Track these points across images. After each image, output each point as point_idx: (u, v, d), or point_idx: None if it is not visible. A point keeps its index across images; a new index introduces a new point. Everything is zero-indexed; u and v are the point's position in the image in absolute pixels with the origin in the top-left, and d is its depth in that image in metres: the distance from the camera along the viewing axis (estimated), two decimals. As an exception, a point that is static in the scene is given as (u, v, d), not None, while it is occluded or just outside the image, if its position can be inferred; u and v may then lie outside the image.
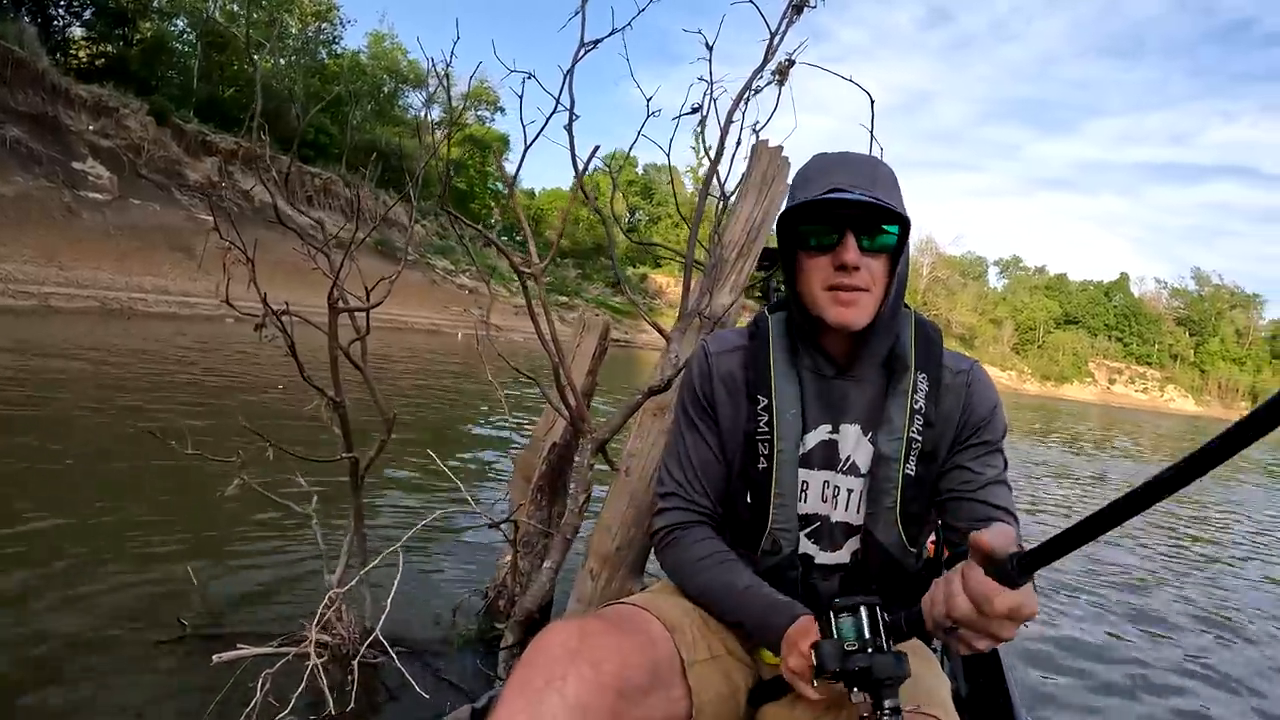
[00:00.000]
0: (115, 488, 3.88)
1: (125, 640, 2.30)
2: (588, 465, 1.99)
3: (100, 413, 5.84)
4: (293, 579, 2.94)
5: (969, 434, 1.34)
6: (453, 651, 2.36)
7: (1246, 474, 14.65)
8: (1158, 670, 3.47)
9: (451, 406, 9.13)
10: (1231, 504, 9.76)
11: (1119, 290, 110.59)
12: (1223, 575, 5.68)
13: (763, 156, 2.24)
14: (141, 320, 15.79)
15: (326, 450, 2.40)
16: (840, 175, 1.24)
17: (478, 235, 2.13)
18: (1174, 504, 8.53)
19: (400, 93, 47.96)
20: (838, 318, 1.25)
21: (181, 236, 21.31)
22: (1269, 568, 6.15)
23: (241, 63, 32.56)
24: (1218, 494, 10.36)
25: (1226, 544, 6.97)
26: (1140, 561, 5.67)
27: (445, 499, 4.47)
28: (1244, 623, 4.43)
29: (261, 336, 2.38)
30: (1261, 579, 5.73)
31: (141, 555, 3.00)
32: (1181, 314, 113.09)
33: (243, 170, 27.79)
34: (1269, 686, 3.46)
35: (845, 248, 1.23)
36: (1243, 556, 6.50)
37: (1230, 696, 3.32)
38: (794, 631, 1.13)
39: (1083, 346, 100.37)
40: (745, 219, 2.21)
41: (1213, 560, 6.05)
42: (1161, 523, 7.40)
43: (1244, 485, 12.62)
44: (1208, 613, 4.54)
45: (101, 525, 3.31)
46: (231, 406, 6.63)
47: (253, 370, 9.75)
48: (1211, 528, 7.70)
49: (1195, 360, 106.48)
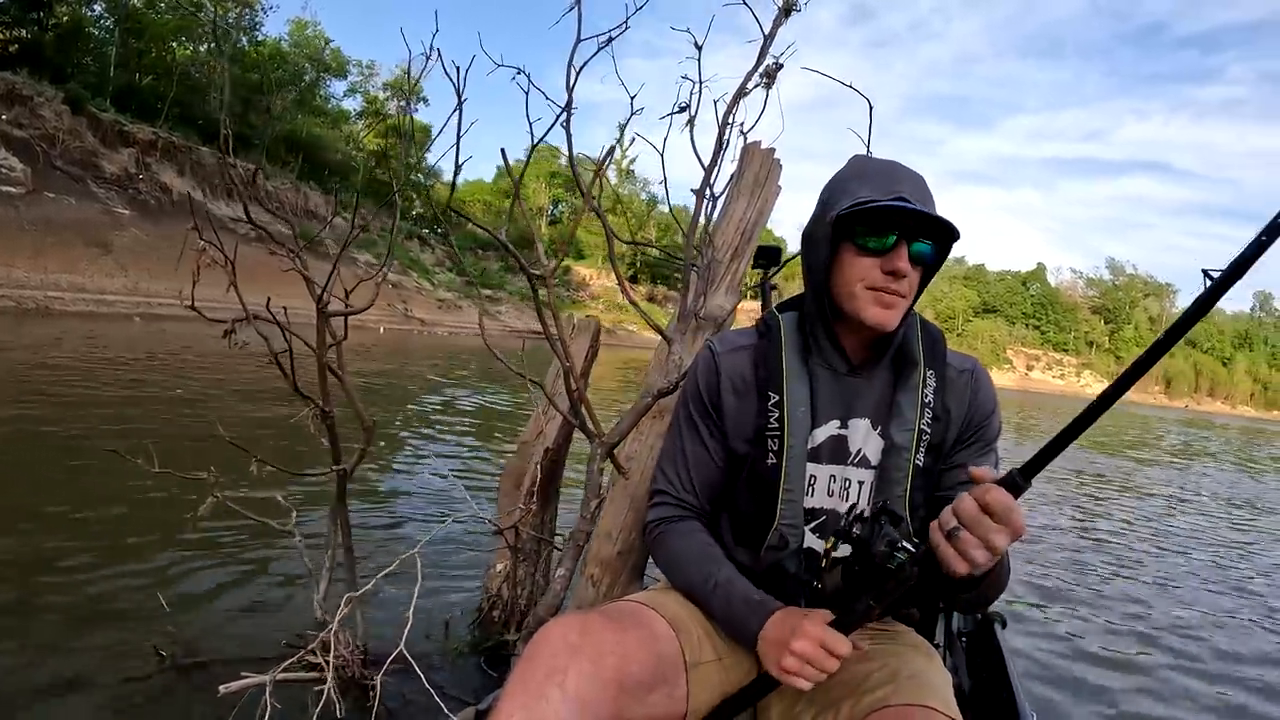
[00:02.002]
0: (51, 515, 3.60)
1: (98, 681, 2.15)
2: (598, 470, 1.96)
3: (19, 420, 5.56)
4: (265, 599, 2.84)
5: (971, 432, 1.38)
6: (448, 664, 2.31)
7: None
8: (1162, 669, 3.55)
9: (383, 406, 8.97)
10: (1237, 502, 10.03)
11: (1036, 280, 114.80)
12: (1228, 570, 5.87)
13: (755, 158, 2.24)
14: (58, 319, 15.14)
15: (291, 460, 2.30)
16: (905, 186, 1.26)
17: (400, 228, 2.07)
18: (1177, 507, 8.91)
19: (322, 82, 46.90)
20: (876, 318, 1.27)
21: (98, 231, 20.53)
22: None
23: (160, 50, 31.36)
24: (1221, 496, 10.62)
25: (1236, 544, 7.10)
26: (1143, 559, 5.82)
27: (408, 509, 4.39)
28: (1251, 617, 4.57)
29: (232, 342, 2.29)
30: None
31: (104, 581, 2.84)
32: (1097, 303, 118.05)
33: (161, 162, 26.84)
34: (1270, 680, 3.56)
35: (900, 255, 1.25)
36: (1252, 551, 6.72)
37: (1231, 689, 3.42)
38: (773, 631, 1.19)
39: (1001, 334, 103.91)
40: (739, 220, 2.21)
41: (1218, 564, 6.12)
42: (1164, 523, 7.66)
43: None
44: (1211, 609, 4.67)
45: (43, 552, 3.10)
46: (185, 416, 6.39)
47: (166, 374, 9.43)
48: (1220, 529, 7.87)
49: (1110, 347, 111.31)
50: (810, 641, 1.11)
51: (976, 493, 0.96)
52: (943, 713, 1.09)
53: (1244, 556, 6.45)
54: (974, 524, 0.95)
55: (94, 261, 19.68)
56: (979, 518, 0.95)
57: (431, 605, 2.74)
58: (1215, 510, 9.01)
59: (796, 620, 1.15)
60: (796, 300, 1.48)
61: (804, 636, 1.11)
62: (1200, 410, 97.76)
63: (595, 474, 1.97)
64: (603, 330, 2.50)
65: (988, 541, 0.95)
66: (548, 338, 1.90)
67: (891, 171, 1.29)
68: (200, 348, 12.83)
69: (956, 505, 0.97)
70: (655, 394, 1.93)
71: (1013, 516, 0.94)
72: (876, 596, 1.08)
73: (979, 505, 0.95)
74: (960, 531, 0.96)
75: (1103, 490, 9.49)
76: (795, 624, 1.14)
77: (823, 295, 1.34)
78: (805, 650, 1.10)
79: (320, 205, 35.00)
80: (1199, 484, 11.73)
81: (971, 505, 0.95)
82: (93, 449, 4.81)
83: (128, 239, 22.70)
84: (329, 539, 2.27)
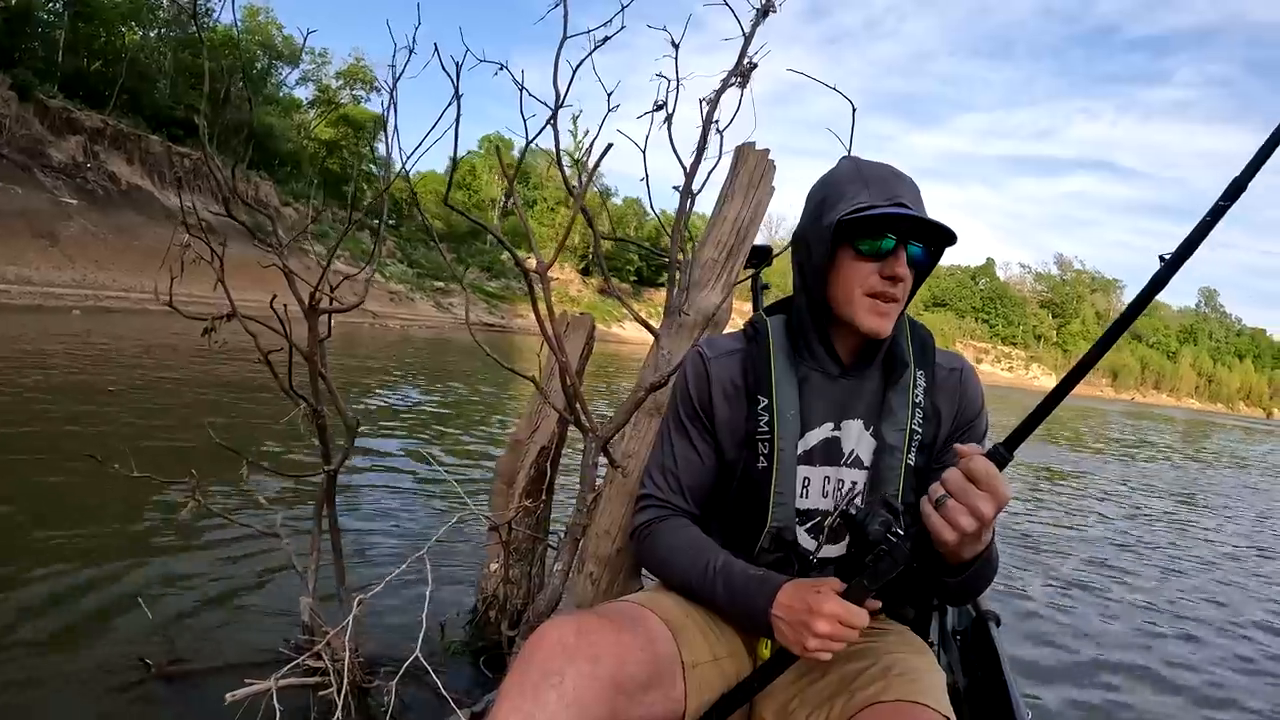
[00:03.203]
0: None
1: (85, 697, 2.06)
2: (593, 465, 1.97)
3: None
4: (249, 603, 2.78)
5: (960, 430, 1.40)
6: (445, 665, 2.29)
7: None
8: (1156, 665, 3.62)
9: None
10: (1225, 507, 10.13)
11: (985, 275, 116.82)
12: (1220, 568, 5.99)
13: (749, 159, 2.24)
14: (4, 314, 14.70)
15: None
16: (903, 192, 1.27)
17: (349, 218, 2.03)
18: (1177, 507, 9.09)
19: (274, 69, 46.07)
20: (872, 325, 1.29)
21: (45, 221, 19.95)
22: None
23: (110, 34, 30.47)
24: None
25: (1224, 542, 7.24)
26: (1138, 558, 5.93)
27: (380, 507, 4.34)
28: (1242, 615, 4.68)
29: (211, 341, 2.25)
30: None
31: (79, 589, 2.74)
32: (1045, 297, 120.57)
33: (109, 150, 26.16)
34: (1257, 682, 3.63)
35: (899, 260, 1.27)
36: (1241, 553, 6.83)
37: (1227, 687, 3.50)
38: (786, 609, 1.17)
39: (950, 328, 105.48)
40: (733, 220, 2.21)
41: (1210, 563, 6.21)
42: (1157, 522, 7.81)
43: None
44: (1208, 607, 4.77)
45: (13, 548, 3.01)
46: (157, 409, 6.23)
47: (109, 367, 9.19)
48: (1210, 527, 8.04)
49: (1058, 341, 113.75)
50: (830, 621, 1.10)
51: (962, 463, 1.00)
52: (935, 710, 1.10)
53: (1236, 556, 6.61)
54: (960, 492, 0.99)
55: (42, 253, 19.12)
56: (965, 486, 0.99)
57: (425, 605, 2.70)
58: (1199, 505, 9.28)
59: (809, 595, 1.15)
60: (784, 303, 1.49)
61: (823, 617, 1.11)
62: (1146, 402, 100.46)
63: (591, 469, 1.97)
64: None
65: (974, 509, 0.99)
66: (544, 333, 1.89)
67: (889, 177, 1.30)
68: (150, 340, 12.53)
69: (944, 476, 1.02)
70: (648, 388, 1.95)
71: (996, 484, 0.98)
72: (871, 576, 1.09)
73: (965, 474, 0.99)
74: (948, 500, 1.00)
75: (1085, 488, 9.69)
76: (810, 600, 1.13)
77: (817, 298, 1.35)
78: (828, 631, 1.10)
79: (271, 194, 34.40)
80: (1156, 480, 12.02)
81: (958, 475, 1.00)
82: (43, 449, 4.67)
83: (75, 229, 22.12)
84: (314, 540, 2.23)
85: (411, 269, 46.09)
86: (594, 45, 1.89)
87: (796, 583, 1.20)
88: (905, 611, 1.45)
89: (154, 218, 26.42)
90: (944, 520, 1.00)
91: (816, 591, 1.14)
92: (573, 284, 66.39)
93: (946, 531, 1.00)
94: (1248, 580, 5.67)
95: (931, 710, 1.10)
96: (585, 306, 47.35)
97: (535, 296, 1.82)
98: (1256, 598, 5.17)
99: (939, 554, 1.07)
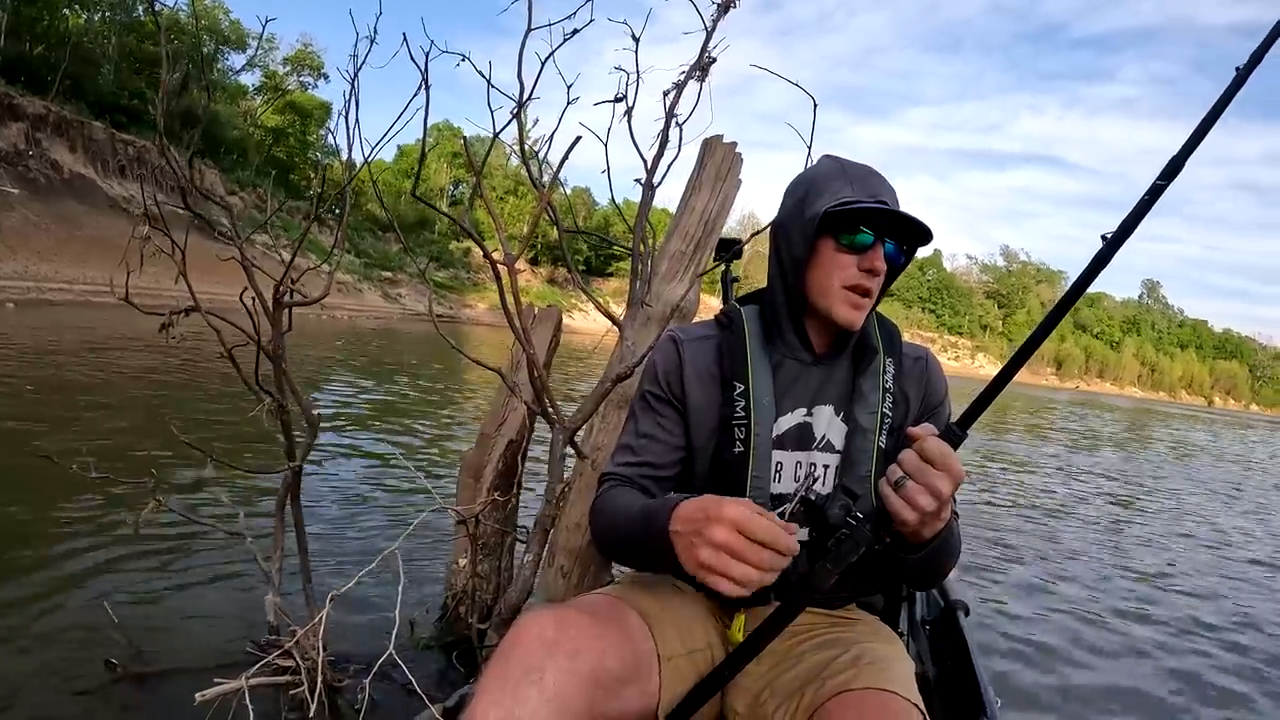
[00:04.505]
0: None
1: (48, 701, 2.00)
2: (560, 457, 1.97)
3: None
4: (213, 602, 2.73)
5: (926, 416, 1.44)
6: (415, 661, 2.26)
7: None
8: (1123, 656, 3.69)
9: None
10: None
11: (932, 265, 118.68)
12: (1183, 560, 6.08)
13: (716, 152, 2.25)
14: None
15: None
16: (883, 189, 1.32)
17: (296, 209, 2.01)
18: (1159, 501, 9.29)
19: (221, 54, 45.05)
20: (847, 316, 1.32)
21: (-19, 212, 19.24)
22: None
23: (54, 18, 29.48)
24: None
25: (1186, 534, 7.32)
26: (1107, 555, 5.97)
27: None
28: (1208, 609, 4.76)
29: (169, 337, 2.20)
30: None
31: (38, 594, 2.65)
32: (991, 288, 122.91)
33: (51, 138, 25.37)
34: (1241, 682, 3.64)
35: (877, 255, 1.31)
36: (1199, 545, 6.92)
37: (1192, 667, 3.61)
38: (683, 521, 1.06)
39: (898, 317, 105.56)
40: (700, 212, 2.22)
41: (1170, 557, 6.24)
42: (1112, 504, 8.04)
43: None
44: (1173, 593, 4.91)
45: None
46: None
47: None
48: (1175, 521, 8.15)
49: (1004, 331, 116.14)
50: (728, 528, 0.98)
51: (917, 445, 1.02)
52: (904, 697, 1.11)
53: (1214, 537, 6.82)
54: (917, 472, 1.02)
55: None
56: (921, 466, 1.01)
57: (397, 601, 2.67)
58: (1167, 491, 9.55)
59: (708, 502, 1.04)
60: (756, 294, 1.51)
61: (720, 522, 0.99)
62: (1091, 390, 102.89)
63: (558, 460, 1.98)
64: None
65: (932, 488, 1.01)
66: (511, 326, 1.88)
67: (870, 176, 1.35)
68: (93, 335, 12.20)
69: (900, 458, 1.04)
70: (614, 379, 1.96)
71: (950, 462, 1.01)
72: (834, 559, 1.07)
73: (919, 455, 1.02)
74: (906, 480, 1.02)
75: (1047, 479, 9.91)
76: (709, 507, 1.03)
77: (794, 288, 1.37)
78: (724, 539, 0.98)
79: (217, 183, 33.62)
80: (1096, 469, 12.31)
81: (913, 456, 1.02)
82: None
83: (16, 219, 21.43)
84: (277, 538, 2.20)
85: (359, 259, 45.40)
86: (564, 37, 1.88)
87: (706, 496, 1.07)
88: (874, 601, 1.47)
89: (97, 207, 25.68)
90: (903, 500, 1.02)
91: (725, 501, 1.03)
92: (522, 273, 65.96)
93: (906, 511, 1.02)
94: (1210, 559, 5.89)
95: (900, 698, 1.11)
96: (534, 295, 47.02)
97: (503, 289, 1.81)
98: (1220, 575, 5.38)
99: (900, 534, 1.09)
